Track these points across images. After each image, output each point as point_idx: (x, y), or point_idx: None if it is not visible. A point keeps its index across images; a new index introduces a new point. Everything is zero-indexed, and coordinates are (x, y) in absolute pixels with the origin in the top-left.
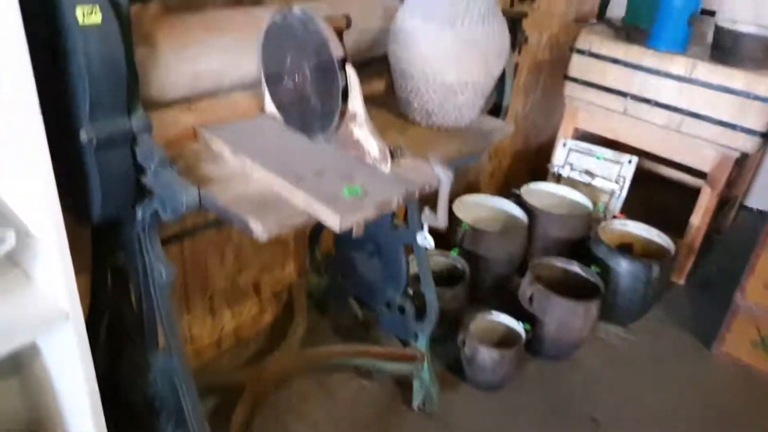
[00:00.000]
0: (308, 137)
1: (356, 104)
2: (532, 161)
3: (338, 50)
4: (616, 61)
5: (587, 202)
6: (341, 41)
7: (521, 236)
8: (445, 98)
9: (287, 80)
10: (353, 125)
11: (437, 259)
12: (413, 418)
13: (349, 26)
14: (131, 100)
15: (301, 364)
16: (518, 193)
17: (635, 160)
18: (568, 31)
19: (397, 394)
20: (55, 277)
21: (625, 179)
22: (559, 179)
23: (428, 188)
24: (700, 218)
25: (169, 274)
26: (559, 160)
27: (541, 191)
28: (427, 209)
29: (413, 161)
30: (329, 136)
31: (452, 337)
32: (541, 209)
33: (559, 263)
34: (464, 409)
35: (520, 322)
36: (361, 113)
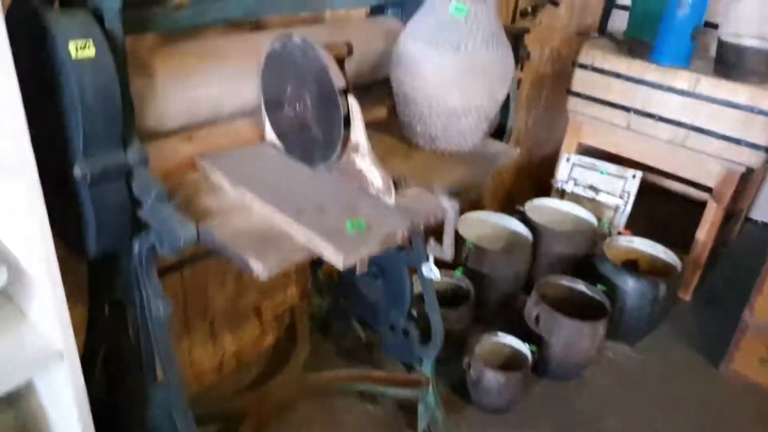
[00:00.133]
0: (309, 166)
1: (358, 134)
2: (534, 175)
3: (339, 80)
4: (619, 75)
5: (592, 218)
6: (342, 69)
7: (526, 254)
8: (448, 123)
9: (288, 108)
10: (355, 155)
11: (441, 278)
12: None
13: (350, 54)
14: (127, 132)
15: (304, 389)
16: (522, 209)
17: (639, 174)
18: (569, 44)
19: (401, 418)
20: (48, 316)
21: (629, 194)
22: (562, 195)
23: (433, 220)
24: (705, 233)
25: (167, 309)
26: (562, 175)
27: (545, 207)
28: (432, 240)
29: (418, 191)
30: (331, 165)
31: (457, 358)
32: (545, 226)
33: (564, 282)
34: None
35: (526, 343)
36: (363, 144)
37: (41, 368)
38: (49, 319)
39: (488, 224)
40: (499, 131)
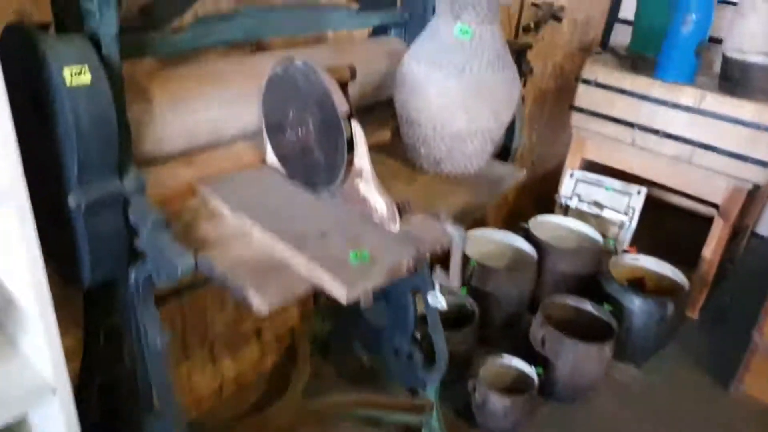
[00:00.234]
0: (312, 191)
1: (362, 160)
2: (537, 190)
3: (342, 105)
4: (623, 91)
5: (597, 235)
6: (345, 93)
7: (531, 272)
8: (453, 146)
9: (290, 132)
10: (359, 181)
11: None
12: None
13: (353, 77)
14: (123, 160)
15: (304, 415)
16: (526, 226)
17: (644, 191)
18: (572, 59)
19: None
20: (40, 349)
21: (634, 210)
22: (566, 211)
23: (440, 248)
24: (712, 250)
25: (164, 341)
26: (566, 191)
27: (549, 224)
28: (438, 268)
29: (423, 218)
30: (333, 190)
31: (461, 379)
32: (550, 244)
33: (570, 302)
34: None
35: (531, 365)
36: (367, 170)
37: (33, 403)
38: (40, 352)
39: (492, 241)
40: (503, 151)
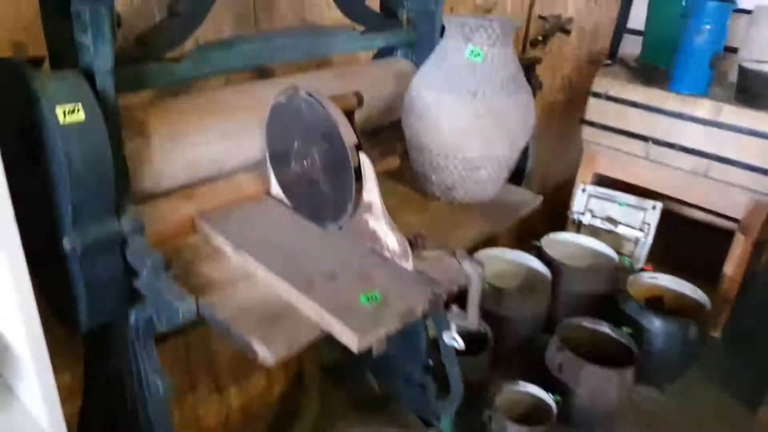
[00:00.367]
0: (319, 225)
1: (371, 194)
2: (548, 205)
3: (350, 136)
4: (635, 104)
5: (612, 252)
6: (352, 123)
7: (545, 293)
8: (466, 173)
9: (295, 164)
10: (368, 216)
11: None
12: None
13: (360, 105)
14: (120, 199)
15: None
16: (539, 245)
17: (659, 206)
18: (580, 71)
19: None
20: (35, 396)
21: (650, 226)
22: (579, 227)
23: (457, 288)
24: (734, 267)
25: (165, 388)
26: (578, 206)
27: (562, 241)
28: (455, 307)
29: (437, 254)
30: (342, 224)
31: (476, 406)
32: (564, 263)
33: (587, 324)
34: None
35: (549, 393)
36: (377, 204)
37: None
38: (35, 399)
39: (504, 261)
40: (516, 174)
